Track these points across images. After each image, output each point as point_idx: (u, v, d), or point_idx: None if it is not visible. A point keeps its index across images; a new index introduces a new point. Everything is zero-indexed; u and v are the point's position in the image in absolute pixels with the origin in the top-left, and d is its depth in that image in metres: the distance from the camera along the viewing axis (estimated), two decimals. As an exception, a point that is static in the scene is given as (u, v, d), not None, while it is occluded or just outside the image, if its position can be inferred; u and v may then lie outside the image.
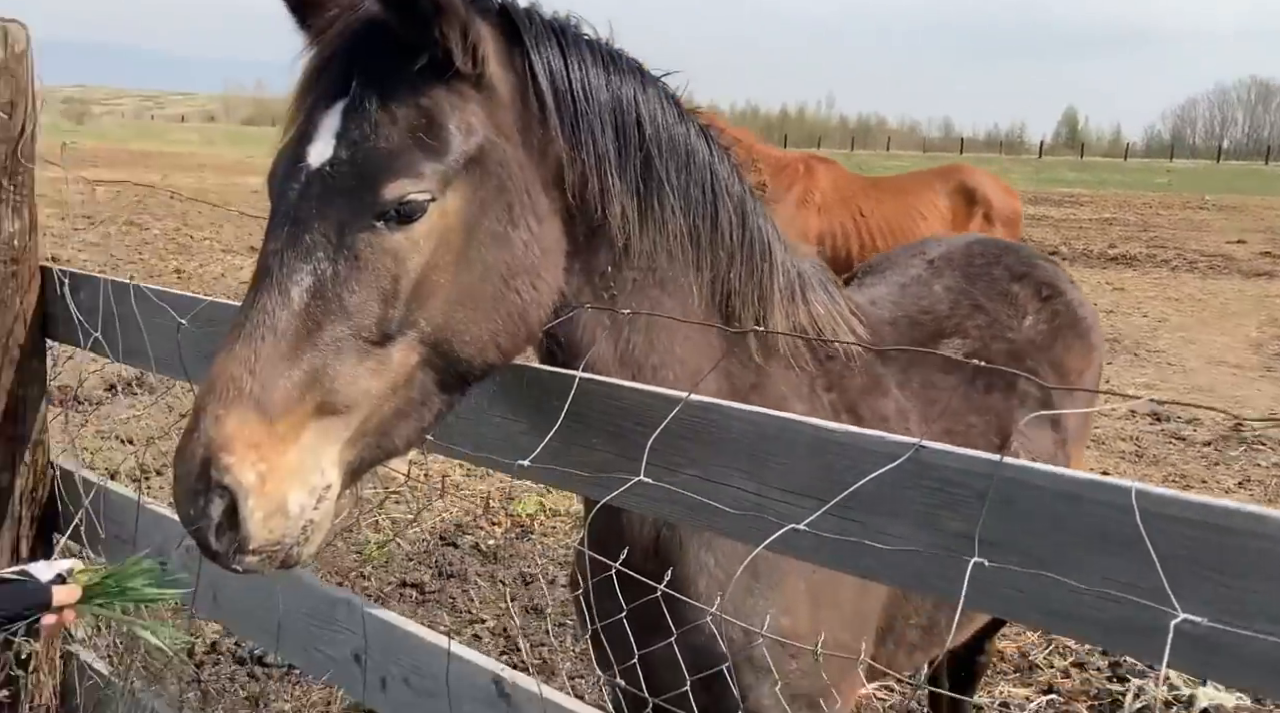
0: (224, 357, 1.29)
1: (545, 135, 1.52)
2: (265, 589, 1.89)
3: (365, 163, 1.34)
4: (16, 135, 2.13)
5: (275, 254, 1.34)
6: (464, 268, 1.41)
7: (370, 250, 1.34)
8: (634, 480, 1.34)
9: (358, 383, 1.33)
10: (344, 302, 1.33)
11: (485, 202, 1.43)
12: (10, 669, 2.16)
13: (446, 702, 1.61)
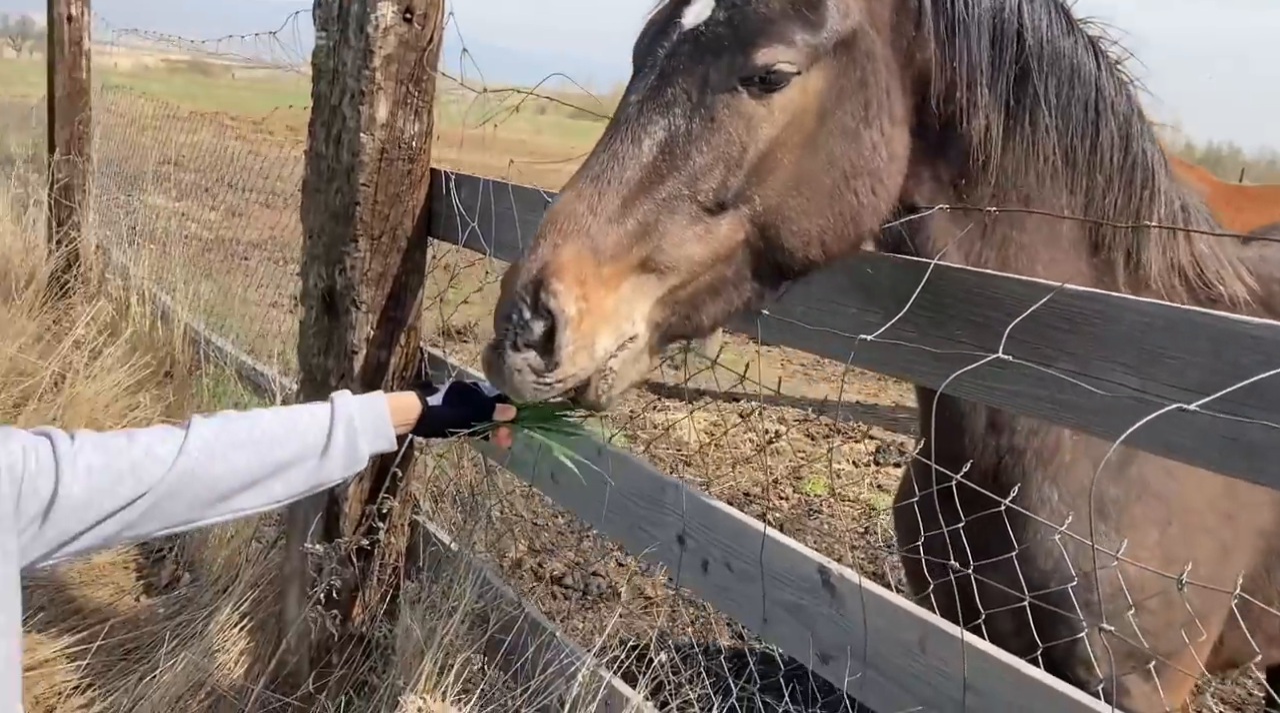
0: (570, 193, 1.36)
1: (918, 37, 1.49)
2: (599, 471, 1.99)
3: (741, 24, 1.36)
4: (425, 44, 2.39)
5: (634, 104, 1.39)
6: (809, 153, 1.41)
7: (727, 112, 1.36)
8: (992, 356, 1.28)
9: (683, 247, 1.37)
10: (690, 160, 1.36)
11: (845, 91, 1.42)
12: (374, 522, 2.42)
13: (766, 588, 1.63)
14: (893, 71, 1.47)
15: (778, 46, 1.36)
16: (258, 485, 1.58)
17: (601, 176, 1.35)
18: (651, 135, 1.37)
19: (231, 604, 2.83)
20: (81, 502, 1.40)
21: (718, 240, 1.39)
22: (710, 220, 1.38)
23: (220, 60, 25.60)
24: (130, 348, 4.38)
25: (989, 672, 1.31)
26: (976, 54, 1.51)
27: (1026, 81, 1.53)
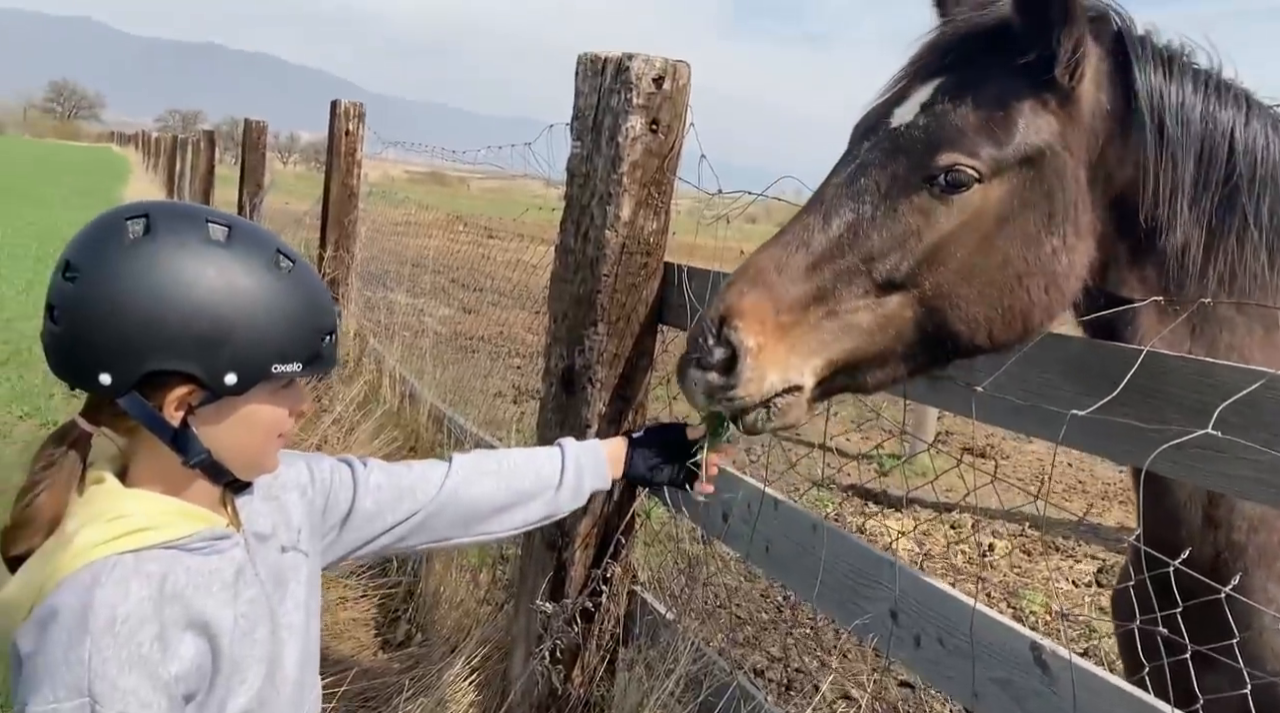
0: (763, 252, 1.58)
1: (1119, 157, 1.58)
2: (811, 545, 2.10)
3: (934, 131, 1.53)
4: (666, 152, 2.65)
5: (832, 186, 1.59)
6: (984, 251, 1.53)
7: (908, 205, 1.53)
8: (1200, 433, 1.32)
9: (854, 315, 1.54)
10: (870, 241, 1.53)
11: (1028, 201, 1.54)
12: (598, 585, 2.60)
13: (977, 664, 1.67)
14: (1083, 189, 1.56)
15: (960, 155, 1.50)
16: (504, 512, 1.85)
17: (791, 243, 1.56)
18: (841, 215, 1.55)
19: (463, 660, 3.07)
20: (371, 514, 1.69)
21: (885, 316, 1.55)
22: (881, 297, 1.54)
23: (457, 172, 27.19)
24: (380, 424, 4.85)
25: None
26: (1179, 175, 1.58)
27: (1235, 201, 1.58)
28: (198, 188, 15.50)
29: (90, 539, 1.28)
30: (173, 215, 1.36)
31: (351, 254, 6.43)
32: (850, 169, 1.59)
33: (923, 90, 1.59)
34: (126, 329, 1.29)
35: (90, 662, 1.20)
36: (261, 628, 1.43)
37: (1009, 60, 1.54)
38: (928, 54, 1.63)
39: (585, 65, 2.72)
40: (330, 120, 6.54)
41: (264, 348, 1.34)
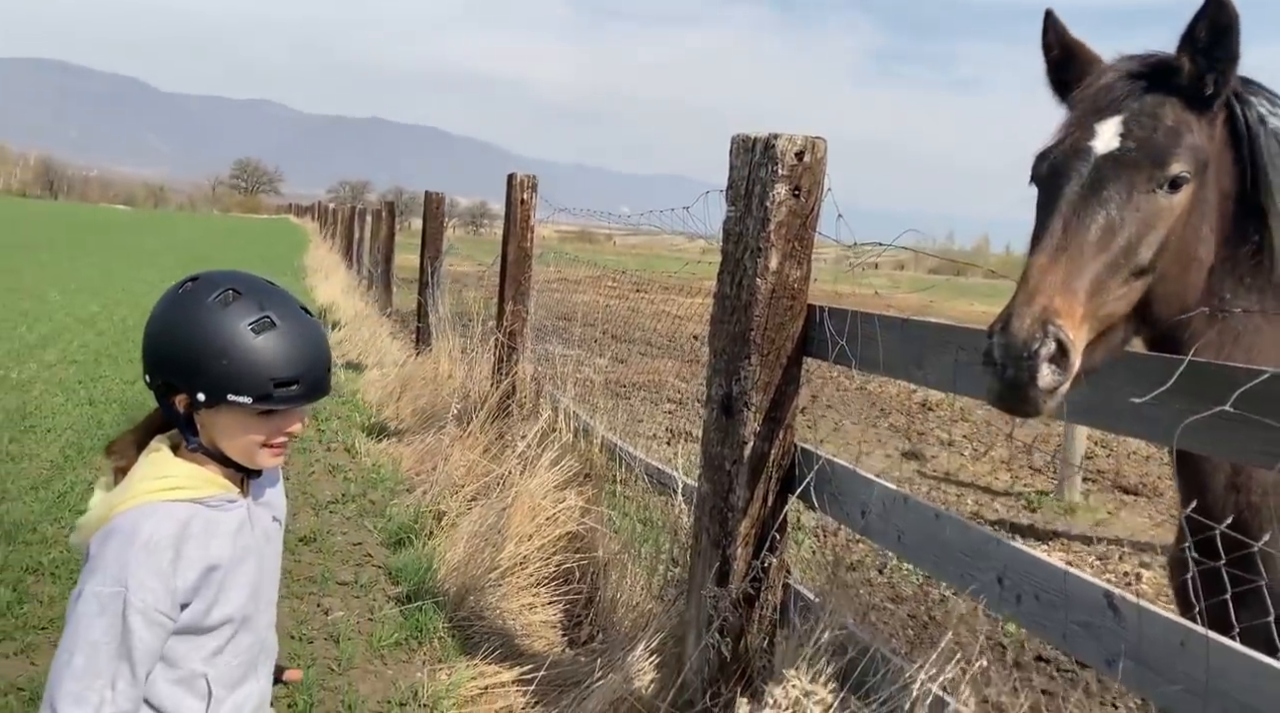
0: (1045, 260, 1.88)
1: (1232, 171, 2.07)
2: (934, 532, 2.55)
3: (1152, 149, 1.96)
4: (807, 212, 3.18)
5: (1069, 202, 1.94)
6: (1182, 239, 1.99)
7: (1150, 206, 1.95)
8: (1216, 410, 1.74)
9: (1116, 303, 1.94)
10: (1125, 240, 1.92)
11: (1197, 198, 2.00)
12: (757, 573, 3.11)
13: (1065, 612, 2.10)
14: (1214, 192, 2.04)
15: (1180, 162, 1.96)
16: None
17: (1060, 249, 1.89)
18: (1096, 223, 1.92)
19: (643, 645, 3.61)
20: None
21: (1130, 300, 1.97)
22: (1132, 283, 1.96)
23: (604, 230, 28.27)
24: (558, 456, 5.50)
25: (1231, 661, 1.72)
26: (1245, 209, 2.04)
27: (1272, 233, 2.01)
28: (380, 253, 16.92)
29: (143, 488, 1.89)
30: (208, 281, 1.95)
31: (527, 309, 7.18)
32: (1078, 187, 1.95)
33: (1112, 121, 2.01)
34: (153, 352, 1.93)
35: (129, 566, 1.80)
36: (249, 564, 2.00)
37: (1169, 95, 2.01)
38: (1103, 95, 2.07)
39: (737, 144, 3.29)
40: (507, 191, 7.35)
41: (223, 381, 1.87)
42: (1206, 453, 2.04)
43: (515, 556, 4.93)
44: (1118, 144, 1.99)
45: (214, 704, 1.96)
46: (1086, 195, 1.96)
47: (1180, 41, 2.02)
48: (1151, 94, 2.03)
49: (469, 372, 7.99)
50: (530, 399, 6.61)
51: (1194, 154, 1.98)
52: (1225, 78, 2.01)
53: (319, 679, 4.07)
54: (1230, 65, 1.99)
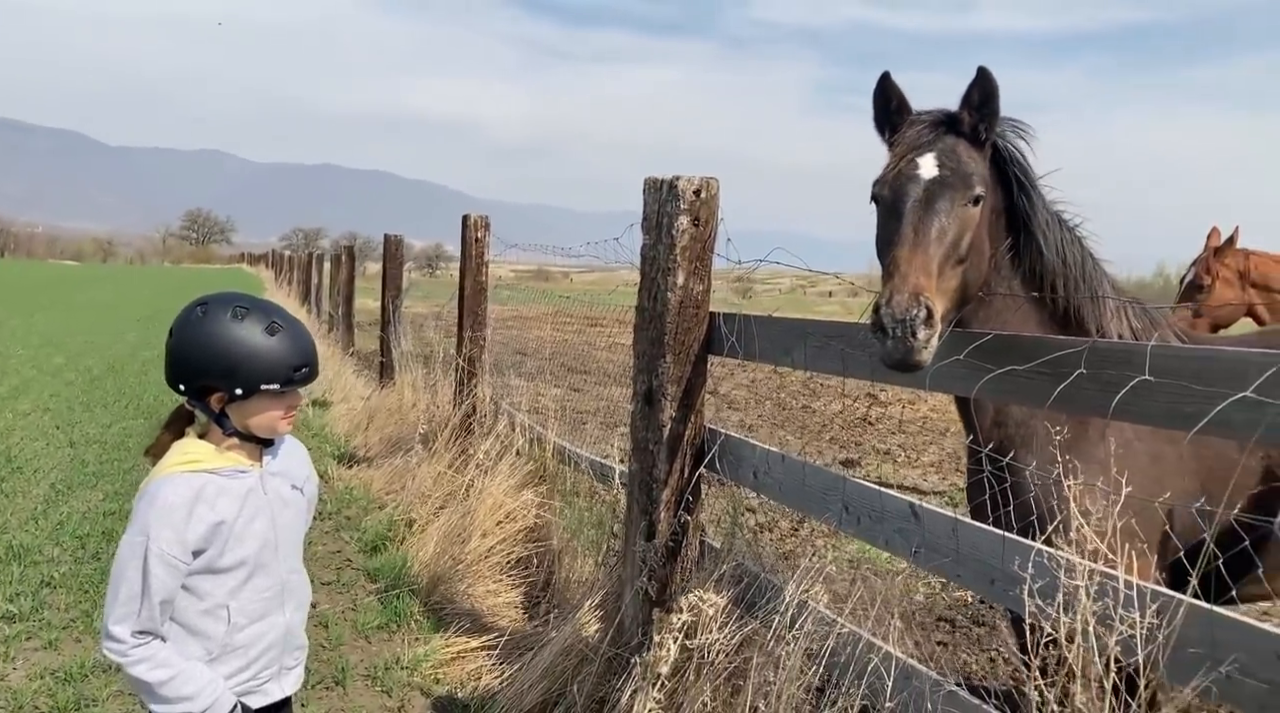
0: (906, 252, 2.54)
1: (998, 191, 2.86)
2: (802, 478, 3.30)
3: (961, 175, 2.71)
4: (706, 238, 3.94)
5: (913, 211, 2.65)
6: (978, 240, 2.76)
7: (965, 215, 2.70)
8: (1005, 370, 2.50)
9: (951, 281, 2.68)
10: (953, 239, 2.66)
11: (983, 211, 2.77)
12: (676, 529, 3.83)
13: (888, 523, 2.85)
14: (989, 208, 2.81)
15: (979, 184, 2.73)
16: None
17: (915, 244, 2.60)
18: (934, 225, 2.63)
19: (590, 602, 4.31)
20: None
21: (957, 281, 2.71)
22: (957, 269, 2.71)
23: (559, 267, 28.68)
24: (516, 460, 6.20)
25: (978, 537, 2.48)
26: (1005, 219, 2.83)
27: (1025, 234, 2.81)
28: (340, 296, 17.53)
29: (169, 462, 2.50)
30: (217, 302, 2.55)
31: (485, 337, 7.89)
32: (919, 201, 2.68)
33: (929, 156, 2.77)
34: (190, 365, 2.51)
35: (150, 521, 2.40)
36: (260, 520, 2.56)
37: (959, 138, 2.79)
38: (914, 140, 2.82)
39: (648, 184, 4.06)
40: (462, 230, 8.08)
41: (256, 376, 2.49)
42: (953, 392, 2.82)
43: (480, 549, 5.61)
44: (937, 172, 2.76)
45: (231, 630, 2.53)
46: (924, 208, 2.71)
47: (961, 101, 2.81)
48: (948, 137, 2.82)
49: (432, 398, 8.66)
50: (490, 416, 7.30)
51: (982, 179, 2.77)
52: (991, 126, 2.80)
53: (314, 653, 4.71)
54: (994, 118, 2.79)
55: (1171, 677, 1.87)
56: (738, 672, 3.16)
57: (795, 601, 3.08)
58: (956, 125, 2.82)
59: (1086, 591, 1.93)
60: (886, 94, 2.99)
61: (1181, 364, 1.89)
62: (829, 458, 11.84)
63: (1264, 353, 1.76)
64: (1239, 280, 6.84)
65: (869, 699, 2.69)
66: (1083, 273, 2.84)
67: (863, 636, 2.81)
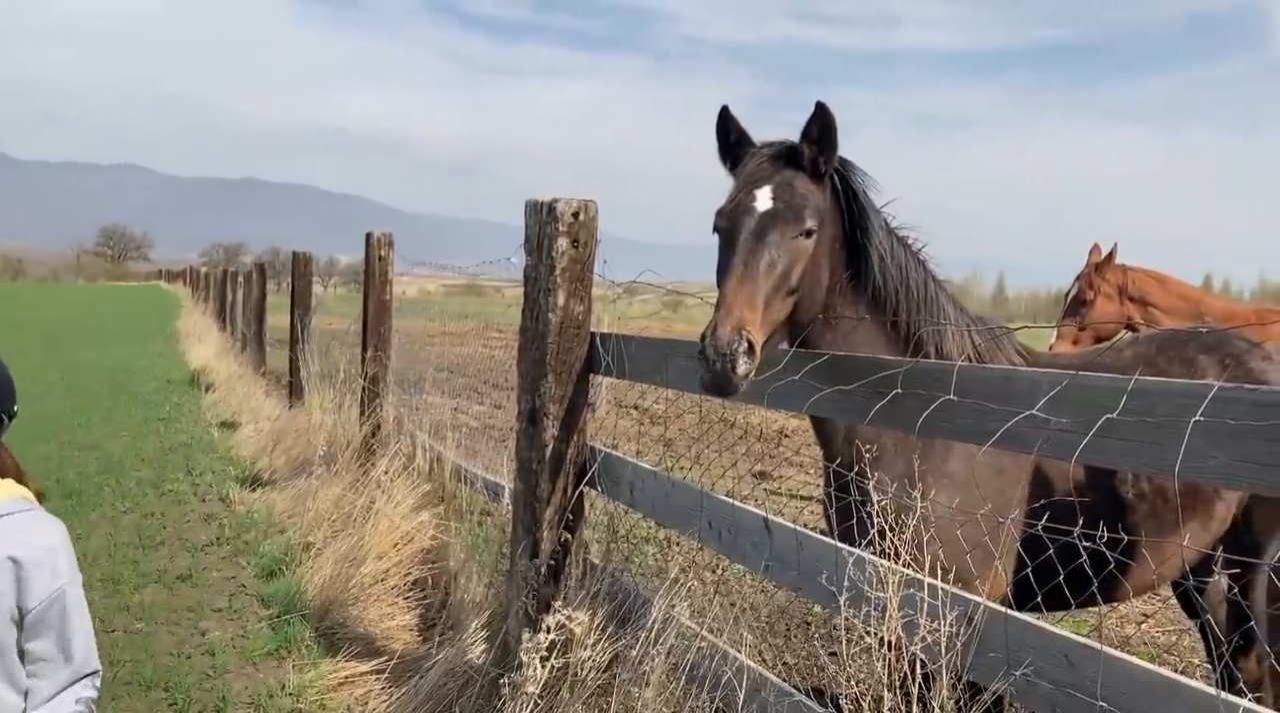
0: (735, 285, 2.67)
1: (832, 225, 2.93)
2: (668, 495, 3.36)
3: (793, 208, 2.80)
4: (585, 258, 3.99)
5: (745, 244, 2.74)
6: (814, 270, 2.85)
7: (795, 246, 2.78)
8: (833, 388, 2.59)
9: (778, 313, 2.78)
10: (782, 270, 2.75)
11: (819, 241, 2.87)
12: (557, 548, 3.86)
13: (744, 537, 2.92)
14: (828, 235, 2.90)
15: (810, 218, 2.81)
16: None
17: (743, 277, 2.69)
18: (762, 259, 2.72)
19: (476, 623, 4.31)
20: None
21: (786, 311, 2.82)
22: (787, 300, 2.80)
23: (491, 282, 28.90)
24: (414, 484, 6.17)
25: (816, 549, 2.56)
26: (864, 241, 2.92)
27: (865, 261, 2.90)
28: (251, 315, 17.22)
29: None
30: None
31: (389, 356, 7.83)
32: (750, 234, 2.78)
33: (765, 189, 2.85)
34: None
35: None
36: None
37: (798, 171, 2.88)
38: (754, 173, 2.91)
39: (529, 206, 4.10)
40: (366, 248, 8.03)
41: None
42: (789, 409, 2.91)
43: (376, 571, 5.57)
44: (771, 204, 2.86)
45: None
46: (755, 240, 2.81)
47: (801, 135, 2.90)
48: (787, 170, 2.91)
49: (338, 418, 8.56)
50: (393, 437, 7.25)
51: (816, 212, 2.86)
52: (830, 159, 2.88)
53: (196, 683, 4.62)
54: (833, 151, 2.88)
55: (979, 678, 1.96)
56: (608, 688, 3.19)
57: (661, 615, 3.13)
58: (797, 158, 2.91)
59: (893, 600, 2.01)
60: (726, 127, 3.06)
61: (985, 385, 1.99)
62: (743, 470, 11.98)
63: (1057, 373, 1.86)
64: (1118, 295, 7.13)
65: (723, 710, 2.75)
66: (924, 297, 2.95)
67: (719, 647, 2.87)
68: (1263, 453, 1.48)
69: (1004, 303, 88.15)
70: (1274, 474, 1.47)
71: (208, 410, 13.68)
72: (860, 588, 2.20)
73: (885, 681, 2.05)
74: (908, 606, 2.04)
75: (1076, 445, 1.69)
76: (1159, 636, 6.11)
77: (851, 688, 2.12)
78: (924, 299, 2.95)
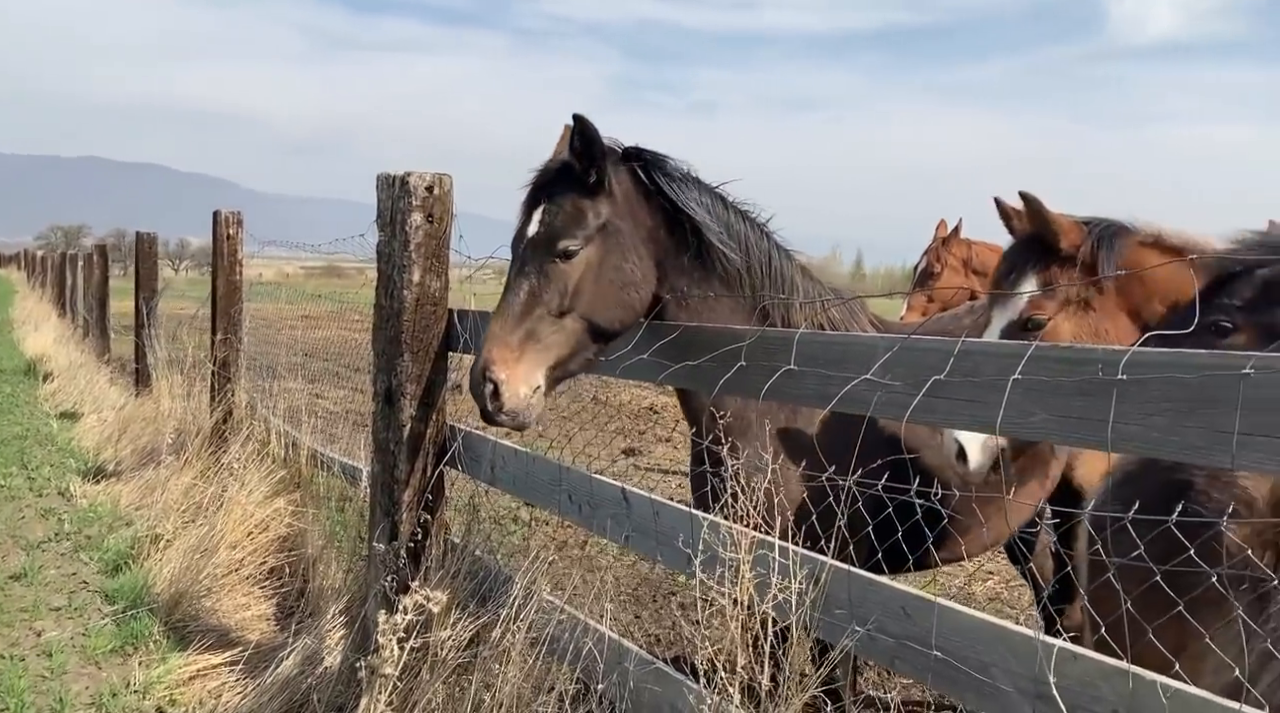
0: (495, 323, 2.79)
1: (646, 218, 2.93)
2: (530, 470, 3.34)
3: (551, 232, 2.83)
4: (441, 234, 3.91)
5: (513, 275, 2.84)
6: (598, 281, 2.84)
7: (553, 270, 2.81)
8: (681, 368, 2.61)
9: (551, 337, 2.79)
10: (543, 297, 2.79)
11: (609, 248, 2.87)
12: (416, 531, 3.79)
13: (603, 509, 2.93)
14: (636, 235, 2.91)
15: (565, 240, 2.83)
16: None
17: (507, 312, 2.80)
18: (523, 290, 2.82)
19: (334, 608, 4.20)
20: None
21: (567, 331, 2.82)
22: (560, 321, 2.81)
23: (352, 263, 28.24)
24: (270, 469, 5.96)
25: (672, 517, 2.59)
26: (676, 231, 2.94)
27: (702, 236, 2.93)
28: (93, 300, 16.27)
29: None
30: None
31: (239, 340, 7.52)
32: (518, 265, 2.88)
33: (537, 213, 2.91)
34: None
35: None
36: None
37: (573, 183, 2.87)
38: (531, 193, 2.96)
39: (381, 180, 3.99)
40: (214, 227, 7.68)
41: None
42: (643, 380, 2.94)
43: (230, 561, 5.36)
44: (535, 230, 2.91)
45: None
46: (520, 268, 2.88)
47: (569, 150, 2.91)
48: (560, 186, 2.92)
49: (187, 405, 8.19)
50: (246, 422, 6.98)
51: (585, 227, 2.85)
52: (601, 168, 2.90)
53: (31, 687, 4.36)
54: (601, 160, 2.89)
55: (828, 636, 2.03)
56: (470, 666, 3.16)
57: (522, 590, 3.12)
58: (570, 174, 2.92)
59: (744, 561, 2.05)
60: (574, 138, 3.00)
61: (825, 350, 2.05)
62: (615, 448, 12.06)
63: (892, 338, 1.93)
64: (963, 267, 7.46)
65: (584, 681, 2.76)
66: (768, 270, 3.01)
67: (580, 620, 2.88)
68: (1077, 408, 1.56)
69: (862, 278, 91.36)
70: (1087, 428, 1.56)
71: (45, 401, 12.89)
72: (714, 551, 2.23)
73: (739, 640, 2.10)
74: (760, 566, 2.08)
75: (909, 406, 1.75)
76: (1003, 592, 6.46)
77: (707, 649, 2.16)
78: (769, 272, 3.01)
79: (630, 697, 2.53)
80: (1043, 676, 1.66)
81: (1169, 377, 1.46)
